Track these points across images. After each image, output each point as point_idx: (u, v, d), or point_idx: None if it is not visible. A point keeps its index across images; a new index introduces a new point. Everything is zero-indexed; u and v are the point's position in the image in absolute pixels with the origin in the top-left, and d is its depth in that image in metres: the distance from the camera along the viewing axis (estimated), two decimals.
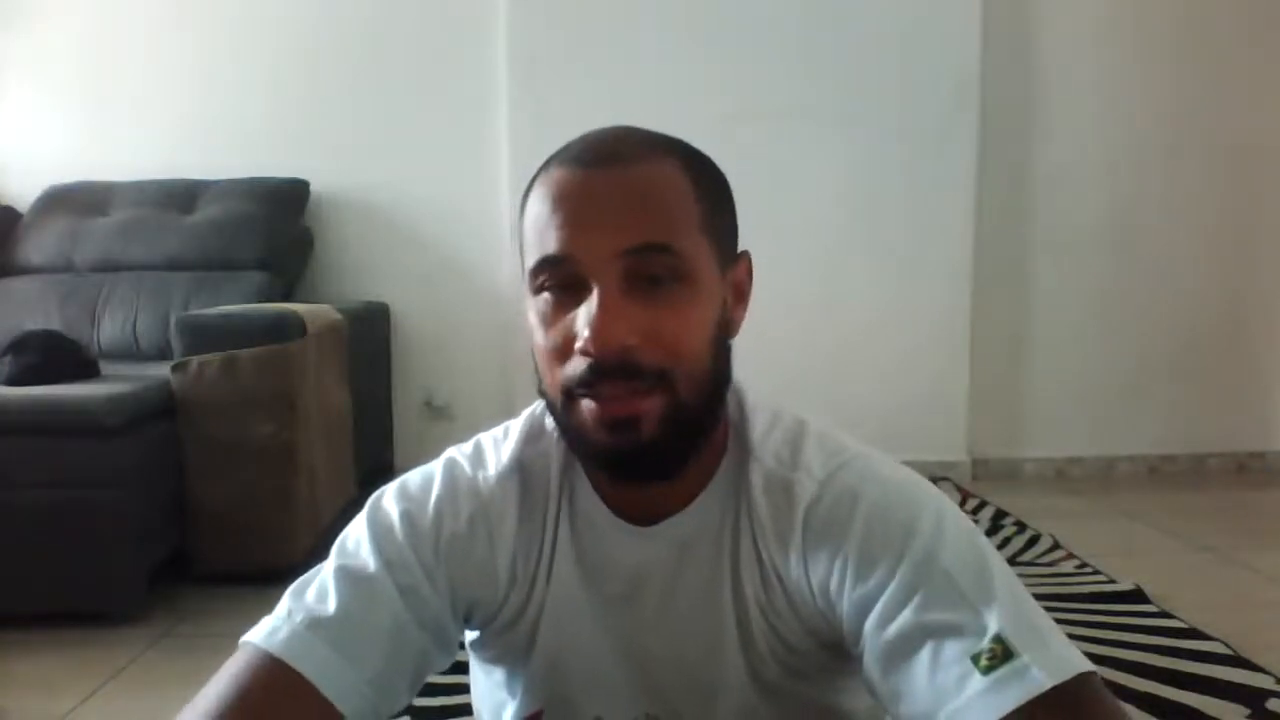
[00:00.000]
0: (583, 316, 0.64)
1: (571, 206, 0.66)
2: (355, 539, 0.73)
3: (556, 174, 0.68)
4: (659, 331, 0.65)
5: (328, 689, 0.65)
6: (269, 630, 0.67)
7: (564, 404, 0.67)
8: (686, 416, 0.67)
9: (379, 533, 0.72)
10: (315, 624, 0.67)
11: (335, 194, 3.05)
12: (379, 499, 0.76)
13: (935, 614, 0.63)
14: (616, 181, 0.66)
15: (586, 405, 0.66)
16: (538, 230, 0.67)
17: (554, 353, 0.67)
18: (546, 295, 0.67)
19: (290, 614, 0.68)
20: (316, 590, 0.70)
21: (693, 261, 0.66)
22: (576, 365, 0.65)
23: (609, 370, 0.64)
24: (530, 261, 0.68)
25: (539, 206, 0.68)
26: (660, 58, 2.98)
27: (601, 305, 0.63)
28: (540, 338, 0.68)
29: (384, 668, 0.68)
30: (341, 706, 0.65)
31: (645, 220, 0.65)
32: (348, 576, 0.70)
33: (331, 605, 0.68)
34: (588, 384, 0.65)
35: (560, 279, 0.66)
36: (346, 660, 0.66)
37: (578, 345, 0.64)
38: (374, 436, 2.87)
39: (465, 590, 0.74)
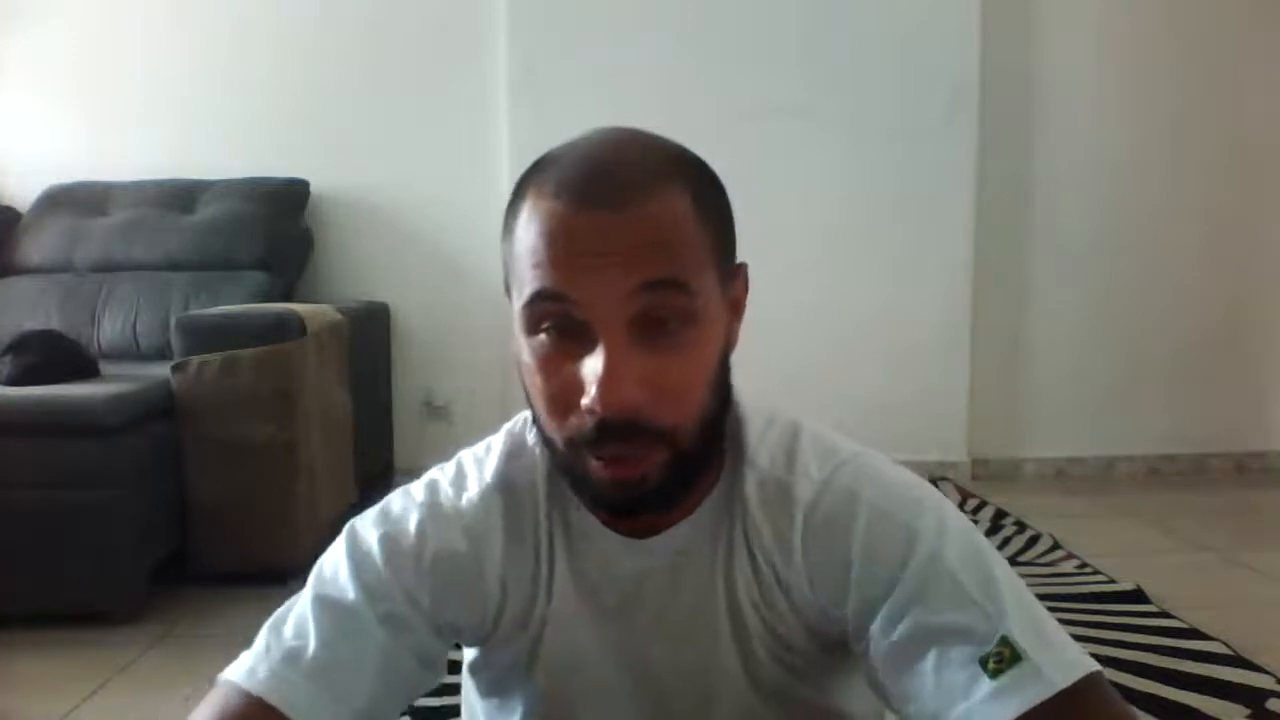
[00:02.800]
0: (589, 372, 0.61)
1: (567, 247, 0.61)
2: (333, 566, 0.71)
3: (550, 207, 0.62)
4: (666, 382, 0.62)
5: None
6: (248, 668, 0.66)
7: (569, 453, 0.65)
8: (690, 461, 0.66)
9: (357, 559, 0.70)
10: (295, 660, 0.66)
11: (335, 194, 3.04)
12: (357, 524, 0.74)
13: (942, 616, 0.62)
14: (617, 225, 0.61)
15: (595, 464, 0.64)
16: (531, 262, 0.62)
17: (555, 402, 0.64)
18: (543, 338, 0.63)
19: (269, 650, 0.67)
20: (295, 624, 0.68)
21: (700, 296, 0.63)
22: (582, 421, 0.63)
23: (616, 430, 0.62)
24: (525, 293, 0.63)
25: (532, 239, 0.62)
26: (660, 58, 2.97)
27: (609, 362, 0.60)
28: (539, 382, 0.64)
29: (369, 699, 0.67)
30: None
31: (651, 263, 0.61)
32: (326, 608, 0.68)
33: (312, 640, 0.67)
34: (594, 443, 0.63)
35: (560, 320, 0.62)
36: (330, 696, 0.65)
37: (584, 402, 0.61)
38: (374, 436, 2.87)
39: (451, 612, 0.72)
